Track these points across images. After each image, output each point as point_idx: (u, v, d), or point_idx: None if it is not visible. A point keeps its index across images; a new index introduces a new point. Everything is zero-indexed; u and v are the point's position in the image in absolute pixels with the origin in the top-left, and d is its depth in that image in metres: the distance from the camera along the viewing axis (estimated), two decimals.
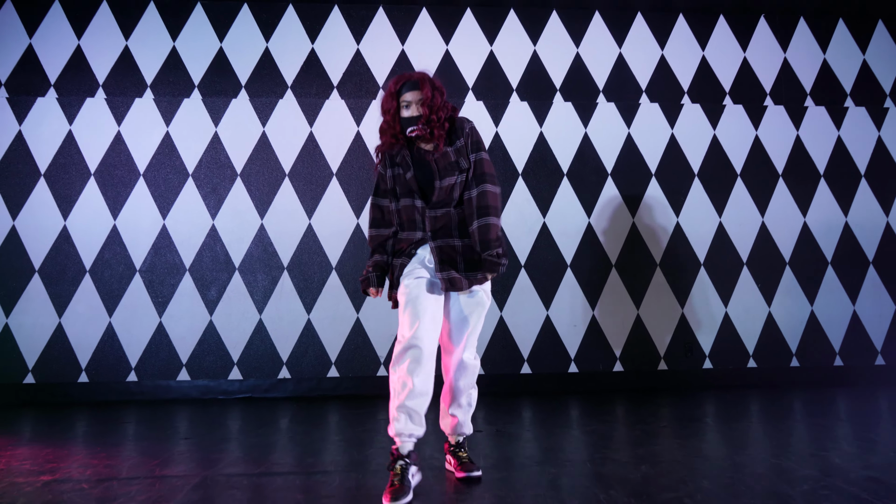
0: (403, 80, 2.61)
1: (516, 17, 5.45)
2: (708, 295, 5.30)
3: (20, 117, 5.01)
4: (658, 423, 3.73)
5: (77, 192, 4.99)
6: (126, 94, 5.11)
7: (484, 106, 5.32)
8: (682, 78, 5.51)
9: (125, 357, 4.88)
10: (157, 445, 3.29)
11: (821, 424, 3.66)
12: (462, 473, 2.60)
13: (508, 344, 5.10)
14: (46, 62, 5.09)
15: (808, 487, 2.42)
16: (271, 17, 5.29)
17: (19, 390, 4.78)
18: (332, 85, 5.26)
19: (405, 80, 2.61)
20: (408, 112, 2.59)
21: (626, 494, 2.36)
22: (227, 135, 5.14)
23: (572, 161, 5.32)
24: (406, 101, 2.59)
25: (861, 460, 2.83)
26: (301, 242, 5.07)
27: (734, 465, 2.77)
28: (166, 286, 4.96)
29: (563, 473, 2.67)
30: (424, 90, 2.57)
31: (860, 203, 5.49)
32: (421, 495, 2.39)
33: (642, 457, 2.94)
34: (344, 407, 4.44)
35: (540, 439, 3.35)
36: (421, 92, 2.57)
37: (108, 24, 5.18)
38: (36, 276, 4.87)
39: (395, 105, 2.62)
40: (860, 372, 5.30)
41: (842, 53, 5.66)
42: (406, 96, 2.59)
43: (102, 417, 4.14)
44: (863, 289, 5.40)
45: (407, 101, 2.59)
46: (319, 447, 3.23)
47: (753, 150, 5.46)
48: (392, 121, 2.62)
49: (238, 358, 4.93)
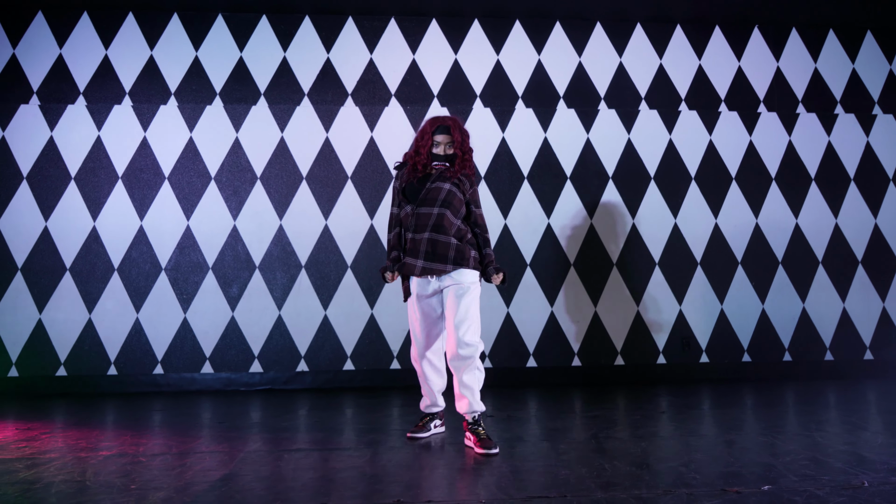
0: (437, 123, 3.20)
1: (521, 28, 5.73)
2: (704, 292, 5.57)
3: (51, 124, 5.28)
4: (656, 410, 4.00)
5: (105, 194, 5.26)
6: (151, 102, 5.39)
7: (491, 112, 5.59)
8: (680, 86, 5.78)
9: (152, 351, 5.14)
10: (195, 428, 3.56)
11: (808, 411, 3.93)
12: (481, 450, 2.91)
13: (515, 339, 5.37)
14: (76, 71, 5.36)
15: (791, 459, 2.69)
16: (289, 28, 5.57)
17: (52, 382, 5.05)
18: (346, 92, 5.54)
19: (439, 124, 3.20)
20: (437, 150, 3.19)
21: (628, 464, 2.63)
22: (247, 140, 5.41)
23: (575, 165, 5.60)
24: (437, 141, 3.18)
25: (841, 438, 3.09)
26: (318, 242, 5.34)
27: (725, 442, 3.04)
28: (190, 284, 5.23)
29: (571, 448, 2.94)
30: (455, 134, 3.17)
31: (850, 205, 5.76)
32: (445, 467, 2.66)
33: (642, 436, 3.21)
34: (359, 398, 4.70)
35: (547, 421, 3.62)
36: (451, 135, 3.17)
37: (133, 34, 5.45)
38: (67, 274, 5.14)
39: (429, 143, 3.18)
40: (849, 366, 5.57)
41: (832, 63, 5.94)
42: (438, 137, 3.18)
43: (134, 406, 4.40)
44: (852, 287, 5.67)
45: (438, 142, 3.18)
46: (340, 431, 3.50)
47: (748, 155, 5.74)
48: (424, 153, 3.17)
49: (259, 351, 5.20)
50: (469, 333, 3.02)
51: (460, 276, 3.09)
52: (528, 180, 5.55)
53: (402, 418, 3.83)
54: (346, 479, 2.47)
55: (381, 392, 4.94)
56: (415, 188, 3.16)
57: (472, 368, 3.08)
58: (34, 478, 2.50)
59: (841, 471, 2.50)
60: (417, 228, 3.11)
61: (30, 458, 2.84)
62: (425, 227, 3.09)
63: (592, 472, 2.53)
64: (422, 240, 3.08)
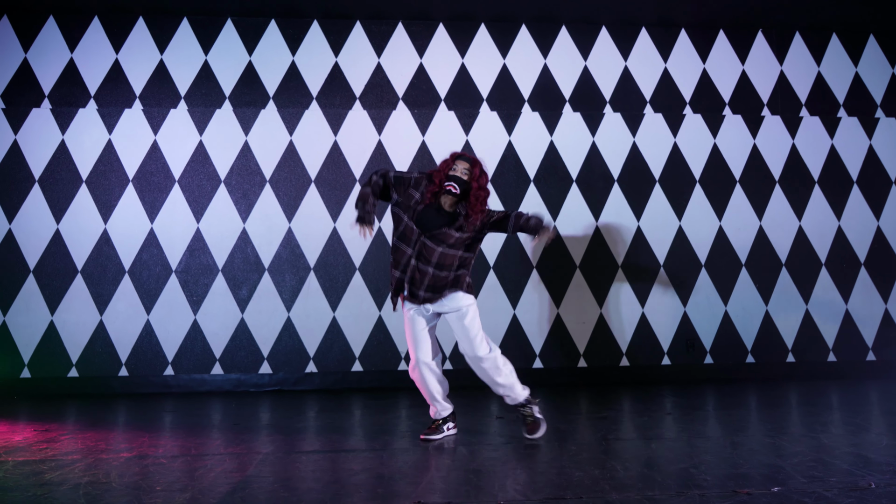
0: (461, 155, 3.37)
1: (528, 32, 5.79)
2: (709, 294, 5.63)
3: (63, 127, 5.33)
4: (662, 411, 4.06)
5: (116, 197, 5.31)
6: (161, 106, 5.44)
7: (498, 116, 5.65)
8: (684, 89, 5.84)
9: (162, 352, 5.20)
10: (209, 429, 3.62)
11: (812, 412, 3.99)
12: (526, 435, 3.30)
13: (521, 340, 5.43)
14: (87, 75, 5.41)
15: (798, 460, 2.75)
16: (297, 33, 5.62)
17: (64, 383, 5.11)
18: (354, 96, 5.59)
19: (463, 156, 3.37)
20: (454, 172, 3.29)
21: (640, 466, 2.70)
22: (256, 143, 5.47)
23: (581, 168, 5.65)
24: (457, 166, 3.30)
25: (846, 440, 3.16)
26: (326, 244, 5.40)
27: (732, 444, 3.10)
28: (200, 286, 5.28)
29: (582, 450, 3.01)
30: (475, 168, 3.31)
31: (852, 208, 5.83)
32: (460, 469, 2.72)
33: (650, 437, 3.28)
34: (368, 399, 4.76)
35: (557, 423, 3.68)
36: (471, 167, 3.30)
37: (143, 39, 5.50)
38: (79, 276, 5.20)
39: (449, 166, 3.31)
40: (852, 367, 5.64)
41: (835, 66, 6.00)
42: (458, 164, 3.32)
43: (146, 407, 4.47)
44: (854, 289, 5.74)
45: (457, 167, 3.30)
46: (353, 432, 3.56)
47: (751, 158, 5.80)
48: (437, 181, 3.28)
49: (268, 353, 5.26)
50: (480, 349, 3.26)
51: (456, 302, 3.28)
52: (535, 183, 5.61)
53: (413, 419, 3.89)
54: (363, 482, 2.53)
55: (389, 393, 4.99)
56: (426, 218, 3.27)
57: (496, 370, 3.29)
58: (60, 479, 2.56)
59: (848, 472, 2.56)
60: (421, 258, 3.25)
61: (53, 459, 2.90)
62: (429, 261, 3.25)
63: (605, 473, 2.59)
64: (427, 273, 3.25)
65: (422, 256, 3.24)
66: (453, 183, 3.23)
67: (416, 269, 3.24)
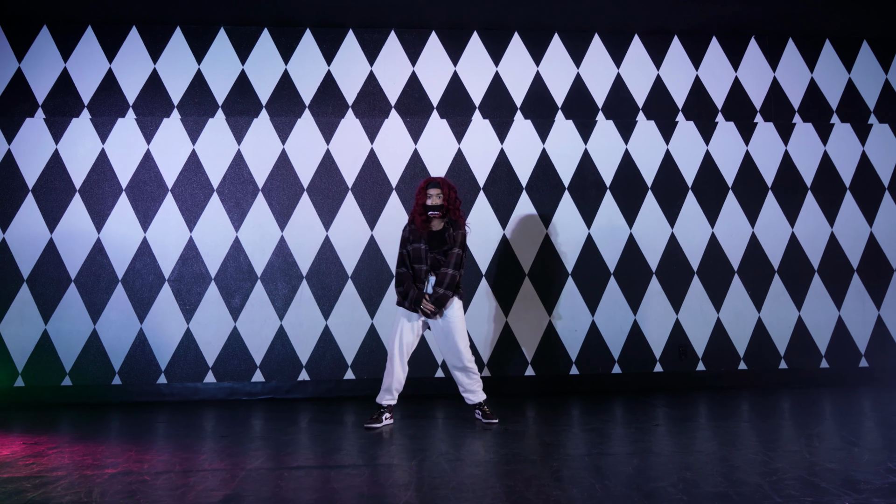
0: (430, 181, 4.19)
1: (520, 40, 5.79)
2: (701, 301, 5.64)
3: (56, 137, 5.36)
4: (651, 423, 4.07)
5: (109, 206, 5.34)
6: (154, 115, 5.46)
7: (490, 124, 5.66)
8: (677, 96, 5.84)
9: (155, 361, 5.23)
10: (199, 443, 3.64)
11: (801, 423, 3.99)
12: (484, 420, 4.13)
13: (514, 348, 5.44)
14: (80, 85, 5.44)
15: (777, 478, 2.76)
16: (290, 41, 5.64)
17: (57, 391, 5.13)
18: (347, 105, 5.61)
19: (431, 182, 4.18)
20: (430, 202, 4.14)
21: (619, 484, 2.71)
22: (249, 152, 5.49)
23: (573, 176, 5.66)
24: (430, 194, 4.15)
25: (830, 455, 3.16)
26: (319, 253, 5.41)
27: (717, 459, 3.11)
28: (193, 294, 5.31)
29: (564, 466, 3.02)
30: (444, 189, 4.15)
31: (845, 214, 5.82)
32: (441, 487, 2.73)
33: (635, 452, 3.29)
34: (360, 407, 4.77)
35: (543, 436, 3.69)
36: (441, 190, 4.15)
37: (137, 48, 5.52)
38: (72, 285, 5.23)
39: (424, 197, 4.15)
40: (845, 374, 5.64)
41: (828, 72, 5.99)
42: (430, 191, 4.15)
43: (138, 417, 4.49)
44: (847, 295, 5.73)
45: (430, 195, 4.15)
46: (340, 445, 3.58)
47: (744, 165, 5.79)
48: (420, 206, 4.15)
49: (261, 361, 5.28)
50: (465, 358, 4.12)
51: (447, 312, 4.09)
52: (527, 191, 5.61)
53: (400, 432, 3.91)
54: (345, 500, 2.54)
55: None
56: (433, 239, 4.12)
57: (471, 374, 4.17)
58: (42, 498, 2.58)
59: (825, 491, 2.57)
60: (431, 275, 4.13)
61: (37, 476, 2.92)
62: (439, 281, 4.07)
63: (584, 492, 2.60)
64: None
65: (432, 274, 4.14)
66: (434, 212, 4.11)
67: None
